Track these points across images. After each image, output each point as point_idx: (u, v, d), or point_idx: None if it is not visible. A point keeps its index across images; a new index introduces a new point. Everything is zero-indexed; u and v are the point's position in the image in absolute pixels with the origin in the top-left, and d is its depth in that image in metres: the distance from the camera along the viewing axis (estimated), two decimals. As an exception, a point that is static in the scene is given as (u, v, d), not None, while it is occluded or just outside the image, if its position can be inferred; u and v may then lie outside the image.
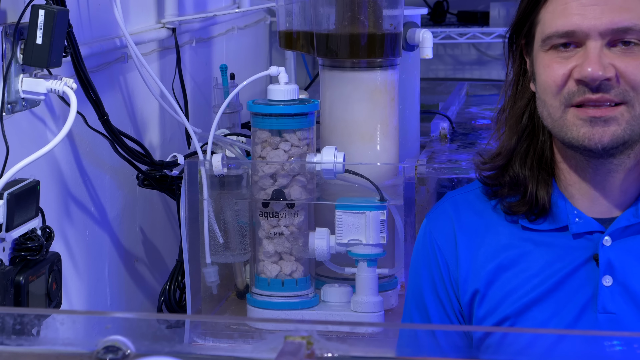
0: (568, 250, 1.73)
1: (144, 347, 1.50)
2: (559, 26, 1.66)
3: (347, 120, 2.52)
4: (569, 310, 1.70)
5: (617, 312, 1.68)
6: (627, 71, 1.63)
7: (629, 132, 1.64)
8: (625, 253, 1.69)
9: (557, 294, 1.72)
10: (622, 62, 1.63)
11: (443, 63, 4.46)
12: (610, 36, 1.63)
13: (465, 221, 1.81)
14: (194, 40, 2.96)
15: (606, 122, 1.63)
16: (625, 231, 1.70)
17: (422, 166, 2.47)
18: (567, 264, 1.72)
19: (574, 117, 1.65)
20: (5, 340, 1.55)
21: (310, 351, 1.37)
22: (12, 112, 1.89)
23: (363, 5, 2.49)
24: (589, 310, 1.70)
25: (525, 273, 1.74)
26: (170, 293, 2.57)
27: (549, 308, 1.71)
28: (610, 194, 1.72)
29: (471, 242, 1.79)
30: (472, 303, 1.77)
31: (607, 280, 1.69)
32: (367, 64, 2.52)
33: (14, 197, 1.85)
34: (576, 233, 1.72)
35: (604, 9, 1.63)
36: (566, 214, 1.73)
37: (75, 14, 2.18)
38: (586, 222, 1.72)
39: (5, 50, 1.85)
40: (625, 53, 1.63)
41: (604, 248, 1.70)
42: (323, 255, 2.40)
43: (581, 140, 1.64)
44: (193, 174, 2.44)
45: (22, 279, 1.86)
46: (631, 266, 1.69)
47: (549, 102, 1.68)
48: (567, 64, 1.65)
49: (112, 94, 2.42)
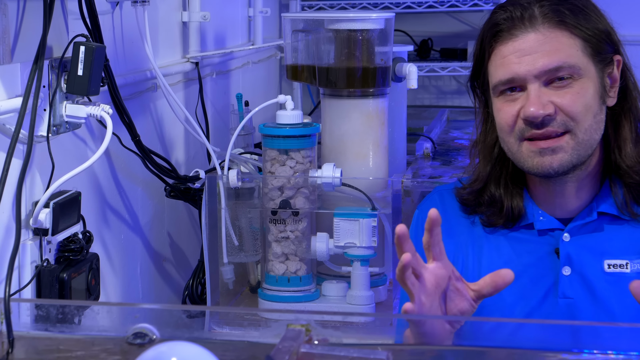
0: (533, 245, 1.74)
1: (167, 333, 1.51)
2: (501, 76, 1.68)
3: (344, 141, 2.52)
4: (534, 295, 1.72)
5: (575, 297, 1.69)
6: (564, 104, 1.64)
7: (576, 156, 1.66)
8: (581, 247, 1.71)
9: (523, 281, 1.73)
10: (559, 97, 1.65)
11: (427, 92, 4.46)
12: (545, 77, 1.65)
13: (452, 214, 1.83)
14: (214, 72, 2.96)
15: (554, 151, 1.66)
16: (581, 229, 1.71)
17: (408, 180, 2.47)
18: (533, 255, 1.73)
19: (527, 149, 1.67)
20: (50, 327, 1.56)
21: (308, 337, 1.38)
22: (57, 133, 1.89)
23: (358, 43, 2.50)
24: (550, 295, 1.71)
25: (497, 261, 1.75)
26: (193, 288, 2.57)
27: (517, 292, 1.72)
28: (568, 200, 1.74)
29: (455, 233, 1.81)
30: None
31: (566, 270, 1.70)
32: (361, 93, 2.52)
33: (59, 206, 1.86)
34: (540, 230, 1.74)
35: (535, 56, 1.64)
36: (532, 214, 1.75)
37: (111, 49, 2.19)
38: (548, 221, 1.74)
39: (51, 81, 1.85)
40: (561, 88, 1.65)
41: (563, 243, 1.71)
42: (323, 256, 2.40)
43: (535, 168, 1.67)
44: (212, 187, 2.44)
45: (66, 275, 1.86)
46: (586, 258, 1.70)
47: (506, 139, 1.70)
48: (515, 105, 1.67)
49: (143, 118, 2.42)
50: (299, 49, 2.60)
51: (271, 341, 1.40)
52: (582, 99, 1.65)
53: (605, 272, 1.69)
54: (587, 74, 1.66)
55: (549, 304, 1.70)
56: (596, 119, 1.67)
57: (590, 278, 1.69)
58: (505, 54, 1.66)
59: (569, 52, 1.65)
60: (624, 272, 1.68)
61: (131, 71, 2.34)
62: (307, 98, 3.64)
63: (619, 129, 1.72)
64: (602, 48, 1.68)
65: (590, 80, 1.66)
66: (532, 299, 1.71)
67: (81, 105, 1.90)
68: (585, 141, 1.66)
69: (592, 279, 1.69)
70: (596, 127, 1.67)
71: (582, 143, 1.66)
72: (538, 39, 1.65)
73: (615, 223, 1.71)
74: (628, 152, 1.70)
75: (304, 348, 1.33)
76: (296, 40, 2.60)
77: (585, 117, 1.65)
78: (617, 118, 1.72)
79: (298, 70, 2.62)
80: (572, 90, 1.65)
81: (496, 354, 1.51)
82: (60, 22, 1.93)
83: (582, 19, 1.66)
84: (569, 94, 1.65)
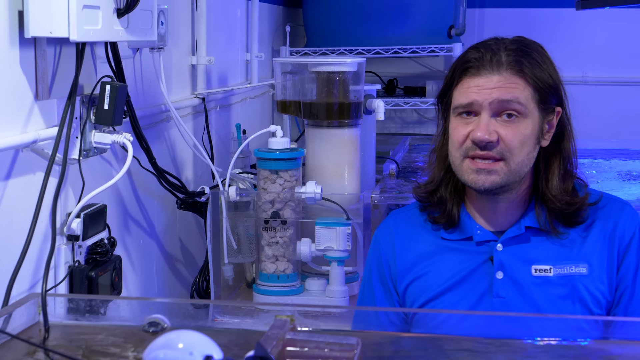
0: (472, 254, 1.73)
1: (177, 322, 1.50)
2: (462, 100, 1.67)
3: (324, 163, 2.53)
4: (473, 296, 1.71)
5: (506, 297, 1.69)
6: (507, 137, 1.64)
7: (505, 181, 1.66)
8: (511, 256, 1.70)
9: (464, 284, 1.72)
10: (503, 130, 1.64)
11: (393, 122, 4.47)
12: (497, 108, 1.64)
13: (402, 233, 1.81)
14: (218, 106, 2.96)
15: (489, 172, 1.65)
16: (511, 240, 1.71)
17: (377, 195, 2.47)
18: (471, 263, 1.72)
19: (467, 166, 1.67)
20: (80, 317, 1.55)
21: (292, 325, 1.38)
22: (87, 156, 1.89)
23: (335, 82, 2.50)
24: (487, 295, 1.70)
25: (443, 269, 1.74)
26: (199, 284, 2.56)
27: (458, 294, 1.72)
28: (500, 216, 1.74)
29: (405, 248, 1.79)
30: (406, 290, 1.77)
31: (499, 275, 1.70)
32: (338, 124, 2.52)
33: (88, 216, 1.86)
34: (478, 241, 1.73)
35: (492, 89, 1.64)
36: (471, 228, 1.74)
37: (132, 87, 2.19)
38: (485, 234, 1.73)
39: (82, 113, 1.85)
40: (506, 123, 1.65)
41: (497, 252, 1.71)
42: (306, 257, 2.40)
43: (470, 183, 1.67)
44: (216, 200, 2.44)
45: (94, 274, 1.86)
46: (516, 265, 1.70)
47: (453, 153, 1.70)
48: (467, 127, 1.67)
49: (159, 144, 2.42)
50: (287, 87, 2.61)
51: (262, 329, 1.40)
52: (521, 136, 1.64)
53: (532, 276, 1.68)
54: (530, 117, 1.65)
55: (485, 303, 1.70)
56: (528, 156, 1.67)
57: (520, 281, 1.69)
58: (470, 86, 1.66)
59: (521, 95, 1.64)
60: (548, 275, 1.68)
61: (149, 105, 2.34)
62: (294, 127, 3.65)
63: (550, 166, 1.71)
64: (548, 99, 1.67)
65: (532, 122, 1.66)
66: (471, 299, 1.71)
67: (107, 133, 1.90)
68: (515, 171, 1.66)
69: (521, 282, 1.69)
70: (527, 162, 1.67)
71: (513, 172, 1.66)
72: (499, 80, 1.64)
73: (540, 236, 1.71)
74: (554, 185, 1.70)
75: (289, 335, 1.32)
76: (285, 80, 2.61)
77: (520, 151, 1.65)
78: (549, 156, 1.71)
79: (287, 104, 2.62)
80: (514, 126, 1.64)
81: (446, 340, 1.51)
82: (89, 65, 1.93)
83: (537, 72, 1.66)
84: (512, 129, 1.64)
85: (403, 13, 3.78)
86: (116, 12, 1.75)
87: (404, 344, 1.51)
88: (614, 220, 1.71)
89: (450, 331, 1.55)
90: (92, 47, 1.94)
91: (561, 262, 1.69)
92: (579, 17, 4.16)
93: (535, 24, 4.35)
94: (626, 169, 3.20)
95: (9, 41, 1.62)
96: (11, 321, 1.47)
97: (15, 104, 1.66)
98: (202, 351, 1.00)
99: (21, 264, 1.61)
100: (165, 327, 1.47)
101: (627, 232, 1.70)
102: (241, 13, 3.28)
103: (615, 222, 1.71)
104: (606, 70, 4.45)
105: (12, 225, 1.66)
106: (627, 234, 1.70)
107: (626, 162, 3.35)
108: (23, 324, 1.50)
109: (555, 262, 1.69)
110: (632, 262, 1.69)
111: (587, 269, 1.68)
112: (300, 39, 4.13)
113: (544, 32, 4.22)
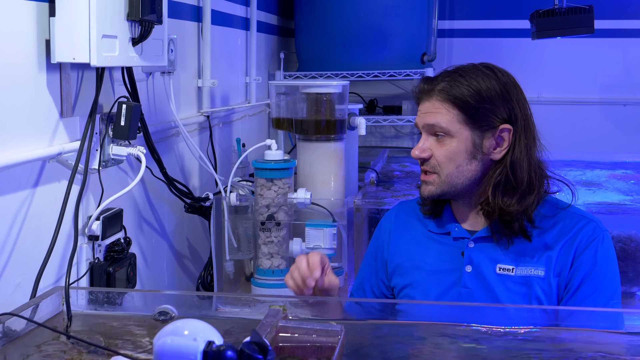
0: (449, 247, 1.74)
1: (184, 312, 1.50)
2: (415, 121, 1.73)
3: (313, 172, 2.52)
4: (445, 284, 1.71)
5: (473, 288, 1.68)
6: (437, 153, 1.68)
7: (440, 190, 1.69)
8: (480, 253, 1.70)
9: (439, 272, 1.73)
10: (435, 148, 1.68)
11: (373, 137, 4.47)
12: (427, 130, 1.69)
13: (400, 221, 1.83)
14: (221, 123, 2.96)
15: (426, 183, 1.71)
16: (481, 240, 1.71)
17: (359, 200, 2.47)
18: (447, 255, 1.73)
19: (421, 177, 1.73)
20: (98, 307, 1.55)
21: (285, 314, 1.37)
22: (106, 167, 1.88)
23: (323, 102, 2.50)
24: (456, 285, 1.70)
25: (425, 256, 1.75)
26: (204, 278, 2.56)
27: (434, 280, 1.73)
28: (470, 219, 1.74)
29: (399, 235, 1.81)
30: (394, 271, 1.80)
31: (468, 268, 1.69)
32: (325, 138, 2.52)
33: (107, 219, 1.85)
34: (454, 237, 1.74)
35: (426, 114, 1.68)
36: (451, 226, 1.75)
37: (145, 106, 2.18)
38: (460, 231, 1.73)
39: (101, 129, 1.85)
40: (438, 141, 1.68)
41: (468, 248, 1.71)
42: (298, 255, 2.38)
43: (420, 191, 1.73)
44: (218, 205, 2.44)
45: (111, 269, 1.86)
46: (483, 261, 1.69)
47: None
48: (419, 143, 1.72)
49: (169, 156, 2.42)
50: (281, 106, 2.61)
51: (258, 317, 1.40)
52: (448, 152, 1.66)
53: (496, 273, 1.68)
54: (457, 135, 1.65)
55: (454, 292, 1.70)
56: (459, 169, 1.66)
57: (486, 275, 1.68)
58: (419, 109, 1.71)
59: (445, 118, 1.65)
60: (510, 274, 1.68)
61: (160, 122, 2.33)
62: (288, 141, 3.64)
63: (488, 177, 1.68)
64: (478, 118, 1.65)
65: (459, 140, 1.65)
66: (443, 285, 1.71)
67: (123, 147, 1.90)
68: (447, 182, 1.67)
69: (486, 276, 1.68)
70: (458, 174, 1.67)
71: (445, 182, 1.68)
72: (430, 105, 1.67)
73: (506, 239, 1.69)
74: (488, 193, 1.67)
75: (281, 323, 1.32)
76: (279, 100, 2.61)
77: (449, 164, 1.66)
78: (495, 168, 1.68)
79: (280, 121, 2.62)
80: (443, 145, 1.66)
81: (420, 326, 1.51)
82: (108, 87, 1.93)
83: (467, 97, 1.64)
84: (440, 146, 1.67)
85: (382, 42, 3.79)
86: (131, 41, 1.74)
87: (384, 330, 1.51)
88: (575, 232, 1.68)
89: (423, 310, 1.56)
90: (110, 72, 1.93)
91: (523, 264, 1.68)
92: (535, 46, 4.18)
93: (496, 52, 4.37)
94: (584, 178, 3.20)
95: (37, 66, 1.62)
96: (38, 311, 1.46)
97: (43, 121, 1.66)
98: (205, 337, 1.00)
99: (47, 260, 1.60)
100: (173, 316, 1.47)
101: (583, 243, 1.67)
102: (241, 42, 3.28)
103: (576, 234, 1.68)
104: (559, 92, 4.47)
105: (40, 227, 1.66)
106: (583, 244, 1.67)
107: (583, 172, 3.36)
108: (49, 313, 1.49)
109: (518, 264, 1.68)
110: (582, 269, 1.66)
111: (544, 272, 1.66)
112: (293, 64, 4.14)
113: (504, 58, 4.23)
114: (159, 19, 1.79)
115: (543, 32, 3.30)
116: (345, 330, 1.30)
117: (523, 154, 1.68)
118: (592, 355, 1.35)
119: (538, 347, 1.40)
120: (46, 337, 1.40)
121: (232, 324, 1.47)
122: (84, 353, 1.34)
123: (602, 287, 1.66)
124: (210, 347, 0.98)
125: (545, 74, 4.44)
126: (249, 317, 1.51)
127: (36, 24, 1.60)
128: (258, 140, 2.61)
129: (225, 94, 3.04)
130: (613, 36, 4.35)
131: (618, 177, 3.19)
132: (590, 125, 4.44)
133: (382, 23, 3.79)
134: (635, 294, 2.58)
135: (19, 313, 1.40)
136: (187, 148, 2.53)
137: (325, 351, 1.25)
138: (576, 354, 1.36)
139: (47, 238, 1.64)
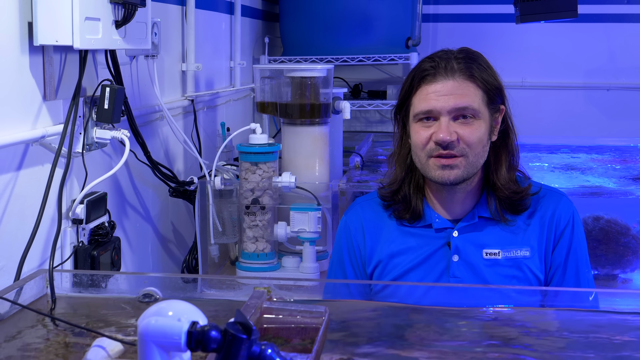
0: (432, 239, 1.72)
1: (168, 294, 1.50)
2: (422, 107, 1.66)
3: (298, 156, 2.52)
4: (432, 275, 1.70)
5: (461, 277, 1.68)
6: (465, 135, 1.64)
7: (466, 173, 1.66)
8: (466, 241, 1.70)
9: (425, 265, 1.72)
10: (461, 130, 1.64)
11: (358, 121, 4.48)
12: (454, 113, 1.64)
13: (370, 220, 1.79)
14: (205, 107, 2.95)
15: (452, 167, 1.65)
16: (466, 228, 1.70)
17: (343, 184, 2.47)
18: (431, 247, 1.72)
19: (433, 164, 1.66)
20: (83, 290, 1.55)
21: (269, 296, 1.38)
22: (90, 150, 1.87)
23: (307, 86, 2.50)
24: (444, 275, 1.69)
25: (406, 252, 1.73)
26: (189, 262, 2.55)
27: (420, 273, 1.72)
28: (456, 206, 1.73)
29: (373, 233, 1.77)
30: (374, 270, 1.76)
31: (455, 258, 1.69)
32: (310, 122, 2.52)
33: (91, 202, 1.85)
34: (437, 228, 1.72)
35: (449, 97, 1.63)
36: (431, 216, 1.73)
37: (129, 90, 2.17)
38: (442, 222, 1.72)
39: (85, 112, 1.84)
40: (463, 124, 1.64)
41: (453, 238, 1.70)
42: (282, 238, 2.40)
43: (437, 178, 1.66)
44: (203, 189, 2.43)
45: (96, 253, 1.85)
46: (469, 249, 1.69)
47: (418, 154, 1.69)
48: (429, 130, 1.66)
49: (153, 139, 2.41)
50: (266, 90, 2.60)
51: (242, 299, 1.40)
52: (477, 134, 1.64)
53: (483, 259, 1.68)
54: (482, 117, 1.65)
55: (443, 282, 1.69)
56: (484, 149, 1.67)
57: (473, 263, 1.68)
58: (429, 92, 1.65)
59: (473, 99, 1.64)
60: (497, 258, 1.68)
61: (144, 106, 2.32)
62: (272, 125, 3.64)
63: (498, 158, 1.71)
64: (494, 99, 1.67)
65: (484, 121, 1.66)
66: (430, 278, 1.70)
67: (107, 130, 1.89)
68: (473, 163, 1.66)
69: (474, 263, 1.68)
70: (483, 154, 1.67)
71: (471, 164, 1.66)
72: (454, 85, 1.64)
73: (491, 224, 1.70)
74: (502, 175, 1.70)
75: (265, 304, 1.32)
76: (264, 84, 2.60)
77: (477, 146, 1.65)
78: (497, 150, 1.71)
79: (265, 105, 2.62)
80: (471, 126, 1.64)
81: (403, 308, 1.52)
82: (91, 70, 1.92)
83: (485, 76, 1.66)
84: (469, 129, 1.64)
85: (367, 27, 3.79)
86: (114, 23, 1.73)
87: (367, 311, 1.52)
88: (552, 209, 1.71)
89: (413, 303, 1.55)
90: (94, 54, 1.92)
91: (508, 246, 1.69)
92: (519, 30, 4.18)
93: (480, 36, 4.37)
94: (568, 162, 3.22)
95: (20, 49, 1.61)
96: (22, 293, 1.46)
97: (26, 104, 1.65)
98: (189, 318, 1.00)
99: (31, 244, 1.59)
100: (157, 298, 1.47)
101: (562, 220, 1.71)
102: (225, 26, 3.27)
103: (553, 211, 1.71)
104: (542, 76, 4.48)
105: (24, 211, 1.65)
106: (563, 221, 1.71)
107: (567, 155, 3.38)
108: (33, 296, 1.49)
109: (504, 247, 1.69)
110: (565, 245, 1.70)
111: (530, 252, 1.68)
112: (278, 49, 4.13)
113: (488, 43, 4.25)
114: (143, 1, 1.78)
115: (527, 16, 3.30)
116: (330, 312, 1.30)
117: (512, 134, 1.72)
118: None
119: (528, 323, 1.41)
120: (30, 319, 1.40)
121: (217, 306, 1.48)
122: (68, 335, 1.34)
123: (583, 260, 1.72)
124: (194, 327, 0.98)
125: (529, 59, 4.45)
126: (233, 298, 1.51)
127: (18, 6, 1.59)
128: (243, 124, 2.60)
129: (210, 78, 3.03)
130: (597, 21, 4.36)
131: (601, 161, 3.21)
132: (574, 110, 4.46)
133: (366, 7, 3.79)
134: (617, 276, 2.61)
135: (3, 295, 1.40)
136: (172, 132, 2.52)
137: (310, 332, 1.25)
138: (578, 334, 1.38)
139: (31, 221, 1.63)
